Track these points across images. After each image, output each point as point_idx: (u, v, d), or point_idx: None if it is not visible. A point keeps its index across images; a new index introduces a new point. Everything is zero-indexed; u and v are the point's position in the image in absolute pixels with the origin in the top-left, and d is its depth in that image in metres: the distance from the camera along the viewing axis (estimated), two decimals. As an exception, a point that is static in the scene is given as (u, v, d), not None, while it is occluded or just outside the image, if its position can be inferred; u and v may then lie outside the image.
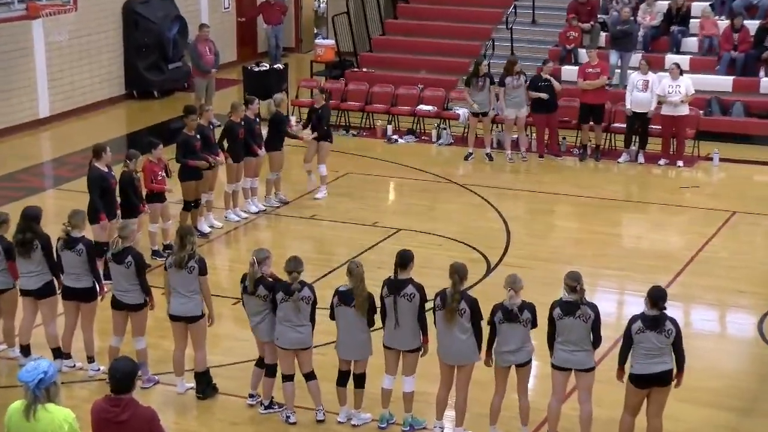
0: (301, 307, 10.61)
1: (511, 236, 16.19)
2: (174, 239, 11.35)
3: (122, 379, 7.44)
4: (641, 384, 9.98)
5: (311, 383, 10.94)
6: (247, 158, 16.67)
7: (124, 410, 7.44)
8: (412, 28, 25.40)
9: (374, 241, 15.88)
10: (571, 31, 22.87)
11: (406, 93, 22.43)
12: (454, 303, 10.19)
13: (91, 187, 13.98)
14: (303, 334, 10.72)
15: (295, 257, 10.76)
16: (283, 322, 10.72)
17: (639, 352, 9.90)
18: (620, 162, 19.94)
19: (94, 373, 11.83)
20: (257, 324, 10.93)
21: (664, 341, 9.84)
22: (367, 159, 20.20)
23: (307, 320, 10.71)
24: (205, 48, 22.13)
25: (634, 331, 9.88)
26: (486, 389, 10.83)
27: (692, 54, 22.41)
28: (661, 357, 9.88)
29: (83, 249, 11.62)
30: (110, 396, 7.50)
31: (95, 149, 14.11)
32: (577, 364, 10.17)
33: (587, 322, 10.04)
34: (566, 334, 10.10)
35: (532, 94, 19.79)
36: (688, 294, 14.30)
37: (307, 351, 10.86)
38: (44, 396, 7.23)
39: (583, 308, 10.03)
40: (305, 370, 10.91)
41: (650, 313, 9.88)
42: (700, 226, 16.78)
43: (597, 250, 15.79)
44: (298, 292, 10.58)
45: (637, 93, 19.54)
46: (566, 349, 10.14)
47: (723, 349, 12.96)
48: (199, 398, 11.44)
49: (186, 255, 11.09)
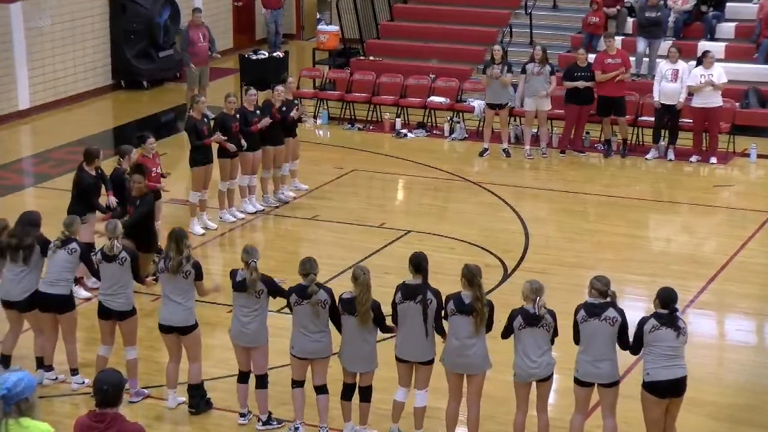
0: (319, 312, 10.68)
1: (530, 239, 16.23)
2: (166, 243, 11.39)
3: (109, 391, 7.46)
4: (660, 392, 10.01)
5: (322, 397, 10.97)
6: (242, 154, 16.71)
7: (110, 426, 7.43)
8: (423, 13, 25.43)
9: (381, 244, 15.93)
10: (594, 16, 22.86)
11: (417, 83, 22.45)
12: (483, 308, 10.25)
13: (81, 193, 14.04)
14: (321, 343, 10.77)
15: (309, 258, 10.81)
16: (299, 328, 10.78)
17: (654, 353, 9.98)
18: (648, 159, 19.97)
19: (77, 386, 11.88)
20: (246, 324, 10.96)
21: (681, 341, 9.96)
22: (373, 155, 20.24)
23: (325, 327, 10.76)
24: (198, 35, 22.08)
25: (647, 330, 9.97)
26: (501, 404, 10.88)
27: (728, 41, 22.41)
28: (678, 360, 9.98)
29: (77, 249, 11.76)
30: (95, 411, 7.52)
31: (88, 154, 14.16)
32: (601, 377, 10.20)
33: (614, 326, 10.10)
34: (589, 340, 10.16)
35: (568, 84, 19.80)
36: (721, 302, 14.33)
37: (324, 361, 10.90)
38: (15, 410, 7.24)
39: (609, 311, 10.10)
40: (318, 382, 10.94)
41: (662, 311, 10.02)
42: (735, 229, 16.79)
43: (622, 254, 15.82)
44: (315, 295, 10.64)
45: (666, 84, 19.54)
46: (589, 360, 10.19)
47: (759, 362, 12.96)
48: (192, 413, 11.48)
49: (183, 259, 11.16)
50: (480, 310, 10.27)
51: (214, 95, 21.78)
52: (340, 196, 18.12)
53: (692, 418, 10.92)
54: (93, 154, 14.13)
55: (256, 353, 11.11)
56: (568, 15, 24.27)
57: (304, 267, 10.72)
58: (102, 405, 7.48)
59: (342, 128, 22.07)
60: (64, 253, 11.74)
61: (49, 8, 22.73)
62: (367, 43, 24.99)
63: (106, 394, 7.46)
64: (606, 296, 10.13)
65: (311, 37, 28.56)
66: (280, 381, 11.33)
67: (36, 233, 11.95)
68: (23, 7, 22.03)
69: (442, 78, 22.41)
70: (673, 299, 10.03)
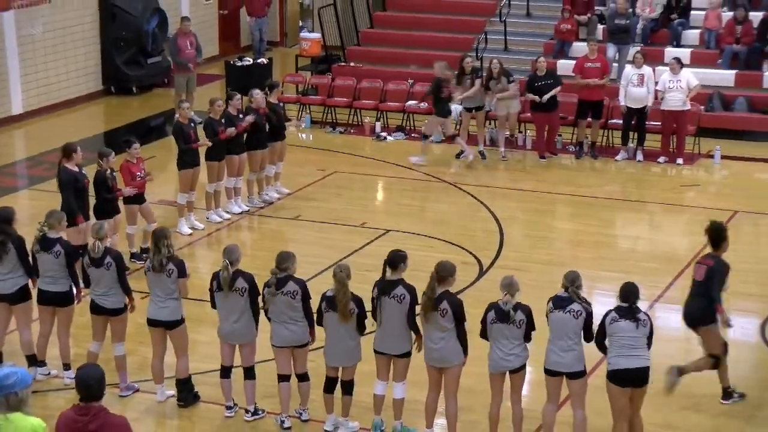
0: (288, 303, 10.65)
1: (505, 238, 16.22)
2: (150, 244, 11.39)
3: (92, 385, 7.39)
4: (621, 381, 10.09)
5: (303, 384, 11.01)
6: (228, 157, 16.67)
7: (94, 419, 7.36)
8: (401, 20, 25.41)
9: (362, 243, 15.90)
10: (566, 23, 22.89)
11: (396, 88, 22.45)
12: (427, 301, 10.27)
13: (64, 189, 13.94)
14: (297, 332, 10.77)
15: (284, 252, 10.84)
16: (274, 319, 10.79)
17: (615, 344, 10.10)
18: (618, 160, 19.98)
19: (70, 381, 11.79)
20: (233, 323, 10.94)
21: (640, 332, 10.04)
22: (354, 157, 20.20)
23: (301, 318, 10.74)
24: (186, 42, 22.09)
25: (608, 322, 10.12)
26: (478, 396, 10.87)
27: (693, 47, 22.48)
28: (638, 350, 10.05)
29: (61, 251, 11.63)
30: (79, 405, 7.44)
31: (65, 149, 14.08)
32: (566, 367, 10.23)
33: (577, 318, 10.14)
34: (555, 331, 10.23)
35: (529, 96, 19.80)
36: (688, 297, 14.33)
37: (303, 349, 10.91)
38: (3, 404, 7.16)
39: (573, 304, 10.14)
40: (299, 370, 10.97)
41: (623, 304, 10.15)
42: (701, 227, 16.52)
43: (594, 251, 15.83)
44: (283, 286, 10.64)
45: (633, 88, 19.56)
46: (555, 349, 10.24)
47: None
48: (180, 406, 11.45)
49: (163, 258, 11.11)
50: (427, 305, 10.27)
51: (201, 100, 21.72)
52: (322, 197, 18.08)
53: (661, 408, 10.93)
54: (70, 149, 14.01)
55: (245, 348, 11.09)
56: (540, 22, 24.26)
57: (276, 260, 10.76)
58: (86, 399, 7.41)
59: (324, 132, 22.03)
60: (51, 257, 11.64)
61: (41, 16, 22.63)
62: (348, 49, 24.95)
63: (89, 388, 7.39)
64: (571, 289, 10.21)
65: (294, 45, 28.51)
66: (261, 375, 11.27)
67: (9, 230, 11.79)
68: (16, 15, 21.92)
69: (421, 83, 22.38)
70: (633, 293, 10.16)
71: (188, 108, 16.61)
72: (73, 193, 13.89)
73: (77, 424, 7.38)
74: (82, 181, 13.99)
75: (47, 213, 11.86)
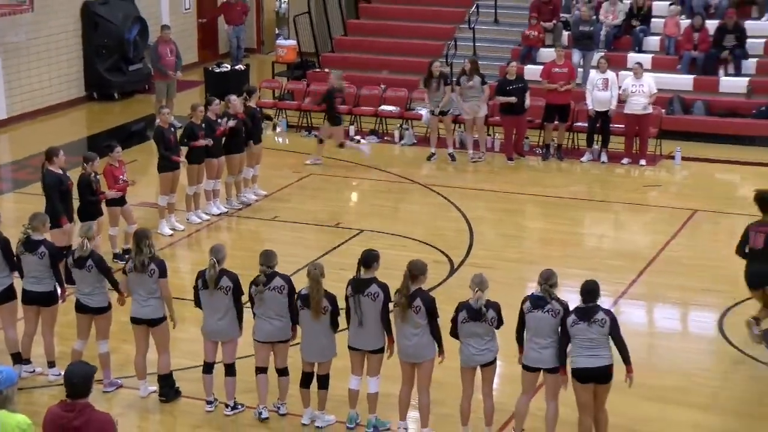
0: (275, 298, 10.66)
1: (475, 237, 16.25)
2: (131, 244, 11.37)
3: (79, 383, 7.37)
4: (583, 379, 10.09)
5: (283, 379, 11.01)
6: (208, 160, 16.66)
7: (79, 415, 7.35)
8: (374, 28, 25.43)
9: (337, 243, 15.90)
10: (532, 30, 22.97)
11: (369, 93, 22.45)
12: (401, 299, 10.27)
13: (49, 191, 13.88)
14: (281, 327, 10.78)
15: (267, 251, 10.86)
16: (260, 315, 10.79)
17: (576, 344, 10.06)
18: (583, 161, 20.05)
19: (54, 378, 11.75)
20: (217, 321, 10.92)
21: (597, 332, 9.97)
22: (329, 160, 20.19)
23: (285, 313, 10.75)
24: (166, 50, 22.08)
25: (569, 324, 10.05)
26: (450, 390, 10.89)
27: (654, 53, 22.61)
28: (597, 350, 10.00)
29: (45, 252, 11.59)
30: (65, 401, 7.42)
31: (48, 152, 14.01)
32: (545, 363, 10.23)
33: (556, 318, 10.13)
34: (534, 330, 10.20)
35: (500, 99, 19.83)
36: (652, 293, 14.42)
37: (284, 345, 10.91)
38: None
39: (551, 304, 10.13)
40: (279, 365, 10.96)
41: (583, 306, 10.07)
42: (663, 225, 16.90)
43: (561, 249, 15.87)
44: (272, 282, 10.67)
45: (598, 92, 19.66)
46: (534, 347, 10.23)
47: (686, 347, 13.06)
48: (162, 401, 11.43)
49: (145, 258, 11.09)
50: (398, 300, 10.29)
51: (181, 106, 21.69)
52: (298, 199, 18.08)
53: (625, 400, 10.95)
54: (52, 152, 13.95)
55: (227, 346, 11.08)
56: (508, 29, 24.33)
57: (261, 259, 10.78)
58: (72, 396, 7.40)
59: (300, 135, 22.03)
60: (35, 258, 11.59)
61: (24, 24, 22.52)
62: (323, 56, 24.95)
63: (75, 386, 7.38)
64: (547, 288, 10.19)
65: (270, 51, 28.46)
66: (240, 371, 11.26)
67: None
68: (0, 23, 21.80)
69: (393, 88, 22.45)
70: (592, 292, 10.07)
71: (168, 113, 16.59)
72: (58, 195, 13.85)
73: (63, 420, 7.36)
74: (66, 184, 13.94)
75: (31, 216, 11.80)
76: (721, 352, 12.80)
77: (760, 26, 22.60)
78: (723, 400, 11.66)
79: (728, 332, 13.13)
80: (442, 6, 25.16)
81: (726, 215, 17.30)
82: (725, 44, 21.76)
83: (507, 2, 24.78)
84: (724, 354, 12.72)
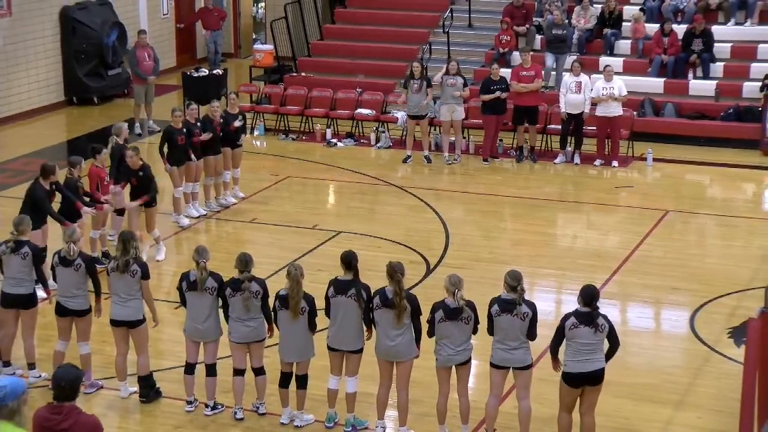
0: (252, 302, 10.69)
1: (450, 238, 16.27)
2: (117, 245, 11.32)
3: (67, 386, 7.35)
4: (574, 383, 10.08)
5: (260, 378, 11.00)
6: (187, 163, 16.64)
7: (66, 418, 7.33)
8: (349, 32, 25.43)
9: (314, 244, 15.89)
10: (505, 34, 23.01)
11: (345, 97, 22.45)
12: (402, 302, 10.25)
13: (33, 204, 13.70)
14: (255, 327, 10.80)
15: (242, 255, 10.84)
16: (235, 318, 10.80)
17: (572, 348, 10.01)
18: (556, 163, 20.11)
19: (35, 380, 11.70)
20: (202, 322, 10.91)
21: (598, 337, 9.97)
22: (306, 162, 20.19)
23: (258, 314, 10.78)
24: (144, 54, 22.02)
25: (568, 327, 9.99)
26: (427, 389, 10.90)
27: (625, 56, 22.70)
28: (594, 354, 10.00)
29: (28, 252, 11.54)
30: (52, 404, 7.40)
31: (44, 169, 13.76)
32: (515, 362, 10.24)
33: (524, 320, 10.14)
34: (504, 332, 10.19)
35: (485, 97, 19.87)
36: (624, 292, 14.46)
37: (260, 344, 10.93)
38: None
39: (520, 307, 10.12)
40: (256, 365, 10.96)
41: (583, 309, 10.01)
42: (635, 225, 16.97)
43: (535, 250, 15.92)
44: (248, 286, 10.67)
45: (571, 95, 19.74)
46: (504, 348, 10.23)
47: (658, 345, 13.11)
48: (143, 402, 11.39)
49: (129, 259, 11.07)
50: (399, 303, 10.27)
51: (159, 110, 21.63)
52: (276, 201, 18.06)
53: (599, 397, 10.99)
54: (48, 171, 13.80)
55: (209, 346, 11.07)
56: (482, 33, 24.37)
57: (238, 264, 10.78)
58: (59, 398, 7.37)
59: (277, 139, 22.00)
60: (18, 258, 11.54)
61: (3, 29, 22.40)
62: (299, 60, 24.92)
63: (63, 389, 7.35)
64: (515, 291, 10.16)
65: (248, 56, 28.43)
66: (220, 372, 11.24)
67: None
68: (-20, 29, 21.71)
69: (369, 92, 22.45)
70: (595, 297, 10.01)
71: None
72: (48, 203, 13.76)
73: (50, 422, 7.33)
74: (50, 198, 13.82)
75: (15, 221, 11.74)
76: (692, 350, 12.85)
77: (726, 31, 22.74)
78: (694, 396, 11.72)
79: (699, 330, 13.21)
80: (416, 10, 25.20)
81: (696, 215, 17.41)
82: (693, 48, 21.88)
83: (481, 7, 24.85)
84: (695, 352, 12.78)
